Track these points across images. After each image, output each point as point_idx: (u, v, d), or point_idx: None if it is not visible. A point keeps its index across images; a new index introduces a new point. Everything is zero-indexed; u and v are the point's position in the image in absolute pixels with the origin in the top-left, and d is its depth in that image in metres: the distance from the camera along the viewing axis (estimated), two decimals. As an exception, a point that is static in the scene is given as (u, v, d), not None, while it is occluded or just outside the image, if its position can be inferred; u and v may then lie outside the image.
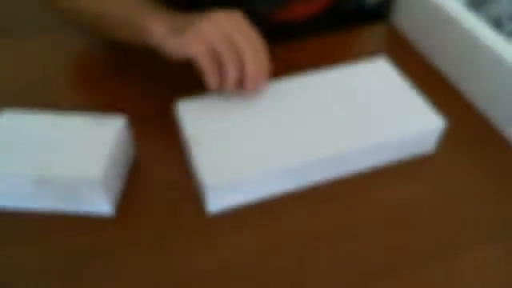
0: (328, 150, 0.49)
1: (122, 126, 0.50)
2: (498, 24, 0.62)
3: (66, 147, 0.47)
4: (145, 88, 0.63)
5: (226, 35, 0.48)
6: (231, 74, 0.49)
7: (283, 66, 0.60)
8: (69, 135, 0.48)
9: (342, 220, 0.49)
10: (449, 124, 0.53)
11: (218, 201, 0.48)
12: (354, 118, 0.53)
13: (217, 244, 0.46)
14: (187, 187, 0.51)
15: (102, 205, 0.47)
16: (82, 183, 0.45)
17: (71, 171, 0.45)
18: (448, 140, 0.55)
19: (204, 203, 0.49)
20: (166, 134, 0.56)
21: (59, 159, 0.46)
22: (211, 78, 0.49)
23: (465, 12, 0.62)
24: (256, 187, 0.48)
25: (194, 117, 0.53)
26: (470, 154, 0.55)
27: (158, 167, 0.53)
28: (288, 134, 0.51)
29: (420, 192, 0.51)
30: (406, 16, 0.73)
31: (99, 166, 0.45)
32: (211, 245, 0.46)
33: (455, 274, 0.44)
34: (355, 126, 0.52)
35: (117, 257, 0.45)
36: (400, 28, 0.75)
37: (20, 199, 0.48)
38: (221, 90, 0.51)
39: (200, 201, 0.49)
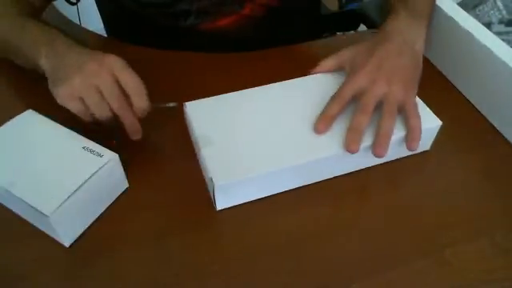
0: (332, 148, 0.50)
1: (109, 162, 0.47)
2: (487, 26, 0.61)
3: (49, 166, 0.47)
4: (153, 88, 0.61)
5: (95, 89, 0.48)
6: (103, 120, 0.49)
7: (286, 69, 0.60)
8: (59, 155, 0.48)
9: (345, 217, 0.50)
10: (446, 123, 0.54)
11: (225, 199, 0.49)
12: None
13: (223, 241, 0.48)
14: (197, 185, 0.51)
15: (59, 237, 0.45)
16: (37, 212, 0.43)
17: (31, 196, 0.44)
18: (444, 138, 0.55)
19: (212, 201, 0.49)
20: (176, 132, 0.57)
21: (31, 178, 0.45)
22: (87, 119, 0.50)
23: (463, 13, 0.61)
24: (262, 186, 0.50)
25: (203, 118, 0.53)
26: (464, 152, 0.57)
27: (166, 166, 0.54)
28: (292, 135, 0.52)
29: (416, 189, 0.53)
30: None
31: (56, 202, 0.43)
32: (217, 242, 0.48)
33: (447, 268, 0.45)
34: None
35: (121, 253, 0.46)
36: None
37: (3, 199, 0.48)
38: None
39: (209, 199, 0.50)
